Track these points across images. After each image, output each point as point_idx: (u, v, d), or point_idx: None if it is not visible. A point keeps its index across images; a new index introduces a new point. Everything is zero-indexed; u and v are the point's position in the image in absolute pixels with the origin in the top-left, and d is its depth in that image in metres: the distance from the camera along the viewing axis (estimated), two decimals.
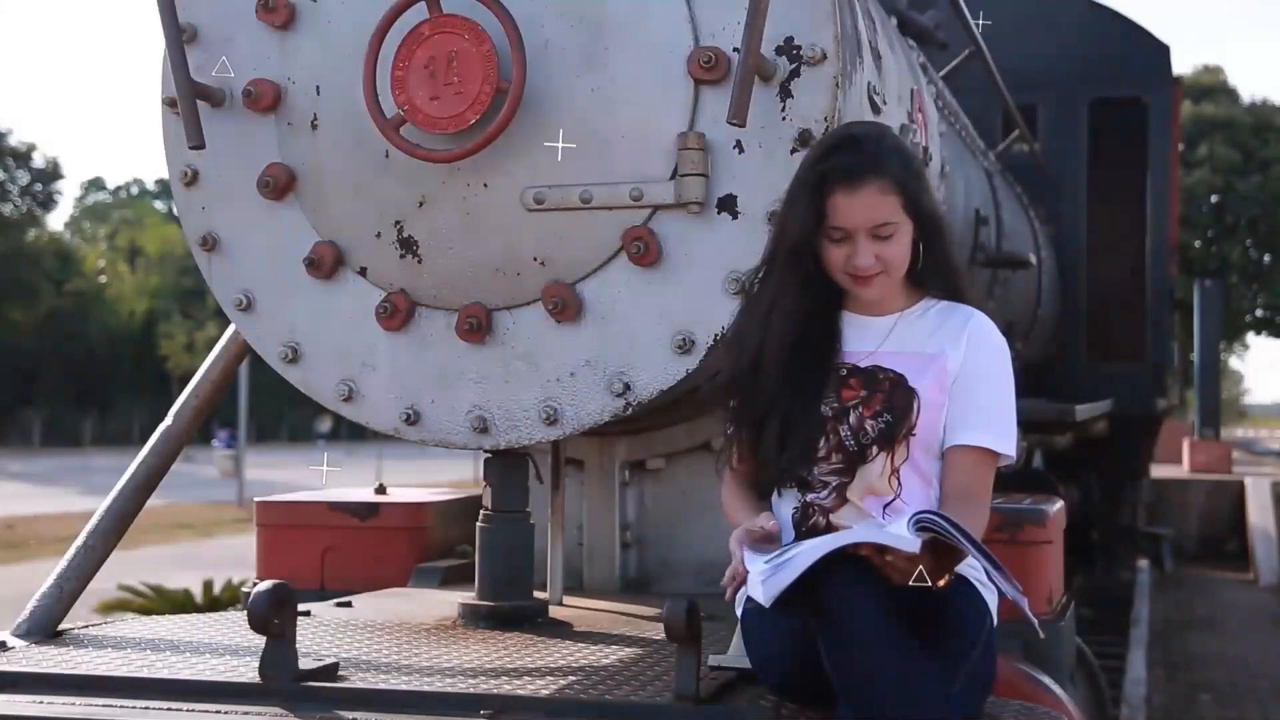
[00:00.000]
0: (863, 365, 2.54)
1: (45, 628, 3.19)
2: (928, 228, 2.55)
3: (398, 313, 3.29)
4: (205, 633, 3.18)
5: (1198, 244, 34.07)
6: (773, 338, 2.51)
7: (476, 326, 3.22)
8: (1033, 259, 6.86)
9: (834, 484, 2.50)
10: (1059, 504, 3.70)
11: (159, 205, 64.22)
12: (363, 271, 3.33)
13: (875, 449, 2.49)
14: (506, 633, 3.21)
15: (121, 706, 2.58)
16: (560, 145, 3.07)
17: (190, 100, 3.25)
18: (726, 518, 2.64)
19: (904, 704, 2.19)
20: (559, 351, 3.19)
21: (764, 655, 2.52)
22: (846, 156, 2.47)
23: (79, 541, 3.39)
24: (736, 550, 2.38)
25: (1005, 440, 2.53)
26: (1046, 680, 3.10)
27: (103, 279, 56.44)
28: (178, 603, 8.26)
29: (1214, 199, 34.45)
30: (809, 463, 2.50)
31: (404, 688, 2.63)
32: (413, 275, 3.28)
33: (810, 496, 2.51)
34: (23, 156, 50.82)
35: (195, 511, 19.80)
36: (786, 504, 2.56)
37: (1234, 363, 67.42)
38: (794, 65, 3.01)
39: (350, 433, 43.84)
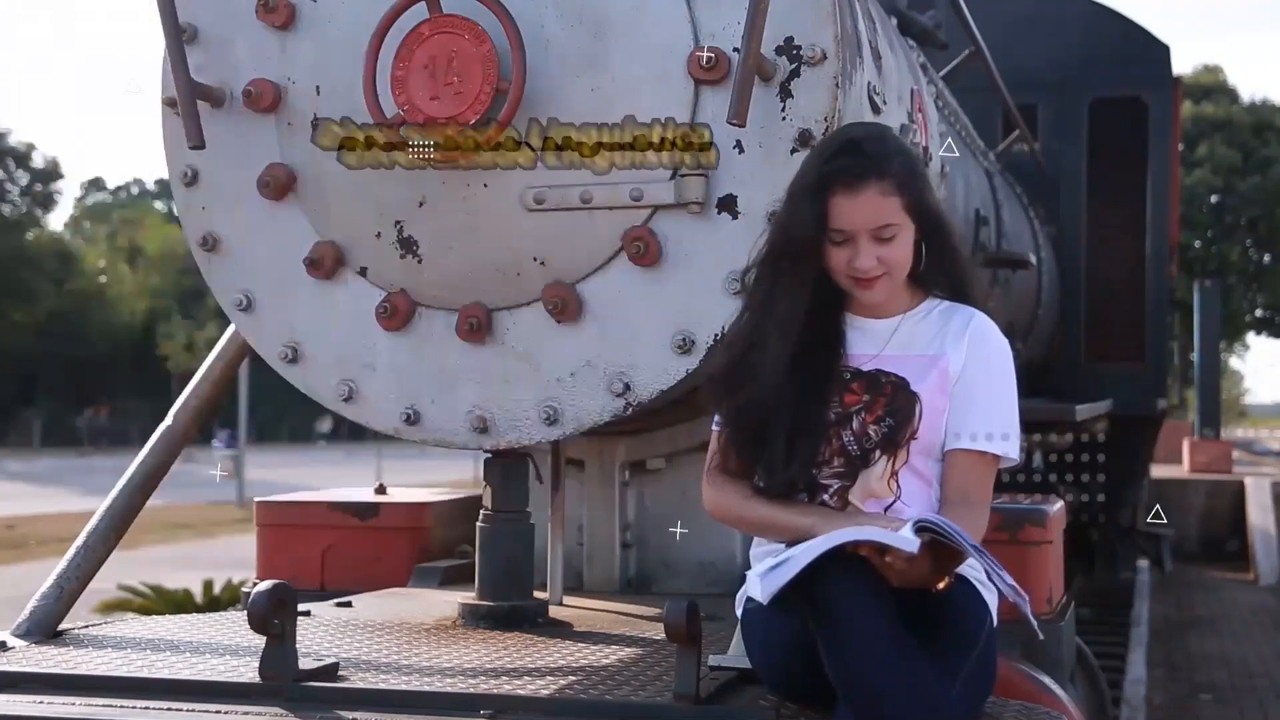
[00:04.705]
0: (865, 369, 2.53)
1: (45, 628, 3.19)
2: (930, 228, 2.54)
3: (398, 313, 3.28)
4: (205, 633, 3.18)
5: (1198, 244, 34.08)
6: (778, 342, 2.49)
7: (476, 326, 3.22)
8: (1033, 259, 6.86)
9: (835, 487, 2.49)
10: (1059, 504, 3.70)
11: (159, 205, 64.22)
12: (363, 271, 3.33)
13: (878, 453, 2.49)
14: (506, 633, 3.21)
15: (121, 706, 2.58)
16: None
17: (190, 100, 3.25)
18: (736, 519, 2.58)
19: (903, 704, 2.18)
20: (559, 351, 3.19)
21: (764, 655, 2.52)
22: (847, 158, 2.46)
23: (79, 541, 3.39)
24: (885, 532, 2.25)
25: (1005, 443, 2.52)
26: (1046, 680, 3.10)
27: (103, 279, 56.42)
28: (178, 603, 8.25)
29: (1214, 199, 34.46)
30: (813, 469, 2.49)
31: (404, 688, 2.63)
32: (413, 275, 3.28)
33: (814, 498, 2.51)
34: (23, 156, 50.83)
35: (195, 511, 19.79)
36: None
37: (1234, 363, 67.31)
38: (794, 65, 3.01)
39: (350, 433, 43.87)
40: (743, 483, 2.53)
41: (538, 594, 3.47)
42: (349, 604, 3.59)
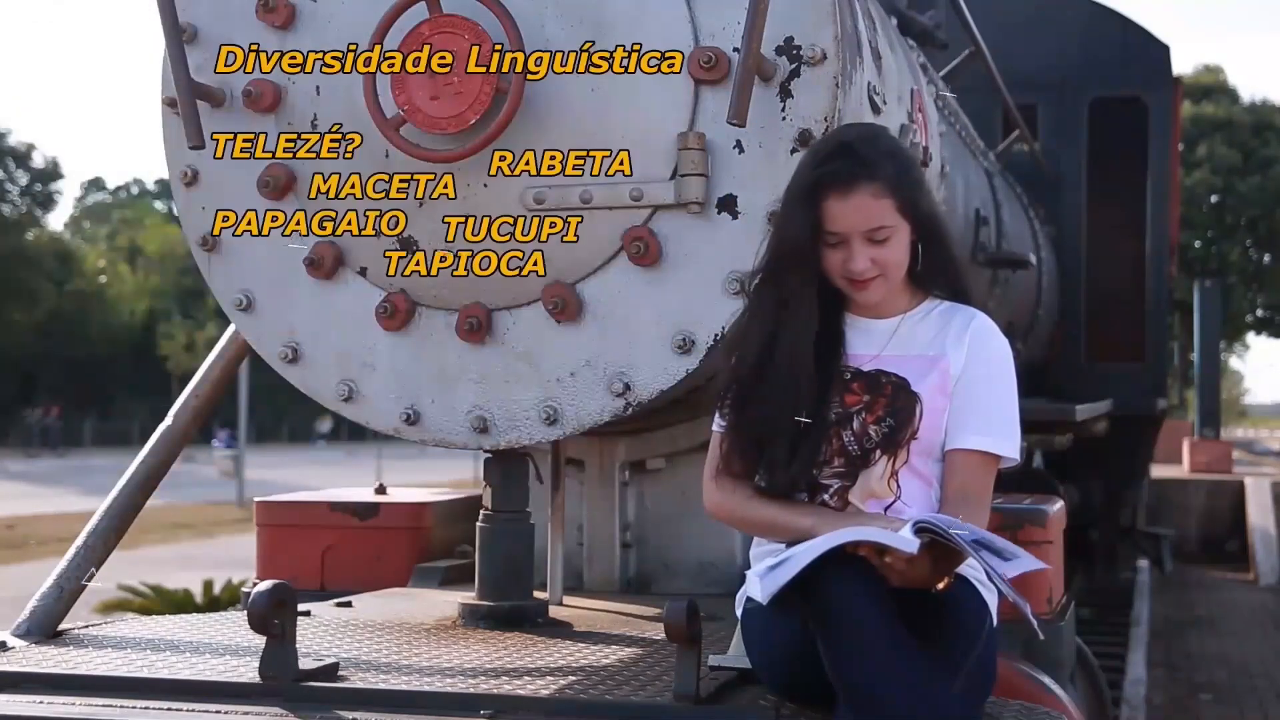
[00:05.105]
0: (865, 369, 2.53)
1: (45, 628, 3.19)
2: (926, 229, 2.53)
3: (398, 313, 3.28)
4: (205, 633, 3.18)
5: (1198, 244, 34.07)
6: (787, 345, 2.48)
7: (476, 326, 3.22)
8: (1033, 259, 6.86)
9: (835, 487, 2.49)
10: (1059, 504, 3.70)
11: (159, 205, 64.24)
12: (363, 271, 3.33)
13: (878, 453, 2.49)
14: (506, 633, 3.21)
15: (121, 706, 2.58)
16: None
17: (190, 100, 3.25)
18: (737, 520, 2.59)
19: (903, 704, 2.18)
20: (559, 351, 3.19)
21: (764, 655, 2.52)
22: (839, 162, 2.46)
23: (79, 541, 3.39)
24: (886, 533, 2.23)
25: (1006, 443, 2.52)
26: (1047, 680, 3.10)
27: (103, 279, 56.41)
28: (178, 603, 8.25)
29: (1214, 199, 34.45)
30: (814, 469, 2.49)
31: (404, 688, 2.63)
32: (413, 275, 3.27)
33: (815, 498, 2.51)
34: (22, 156, 50.84)
35: (195, 511, 19.79)
36: None
37: (1234, 363, 67.34)
38: (794, 65, 3.01)
39: (350, 433, 43.88)
40: (744, 483, 2.53)
41: (538, 594, 3.47)
42: (349, 604, 3.59)
